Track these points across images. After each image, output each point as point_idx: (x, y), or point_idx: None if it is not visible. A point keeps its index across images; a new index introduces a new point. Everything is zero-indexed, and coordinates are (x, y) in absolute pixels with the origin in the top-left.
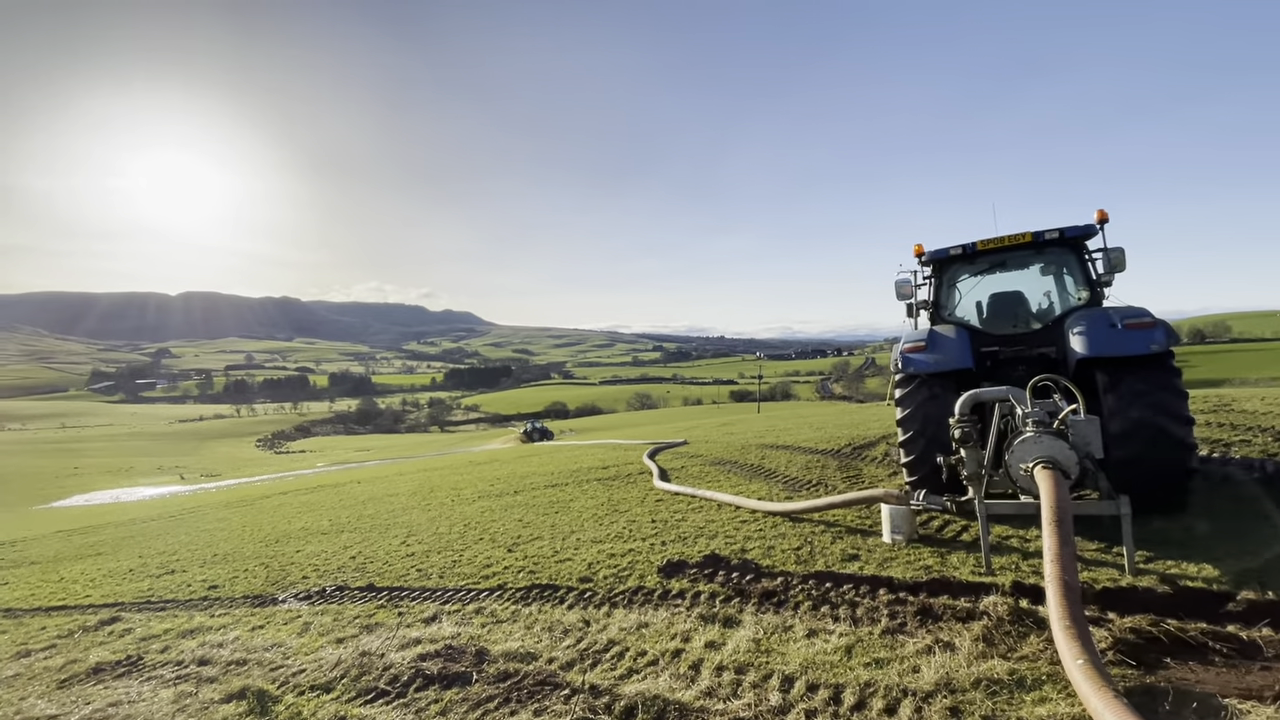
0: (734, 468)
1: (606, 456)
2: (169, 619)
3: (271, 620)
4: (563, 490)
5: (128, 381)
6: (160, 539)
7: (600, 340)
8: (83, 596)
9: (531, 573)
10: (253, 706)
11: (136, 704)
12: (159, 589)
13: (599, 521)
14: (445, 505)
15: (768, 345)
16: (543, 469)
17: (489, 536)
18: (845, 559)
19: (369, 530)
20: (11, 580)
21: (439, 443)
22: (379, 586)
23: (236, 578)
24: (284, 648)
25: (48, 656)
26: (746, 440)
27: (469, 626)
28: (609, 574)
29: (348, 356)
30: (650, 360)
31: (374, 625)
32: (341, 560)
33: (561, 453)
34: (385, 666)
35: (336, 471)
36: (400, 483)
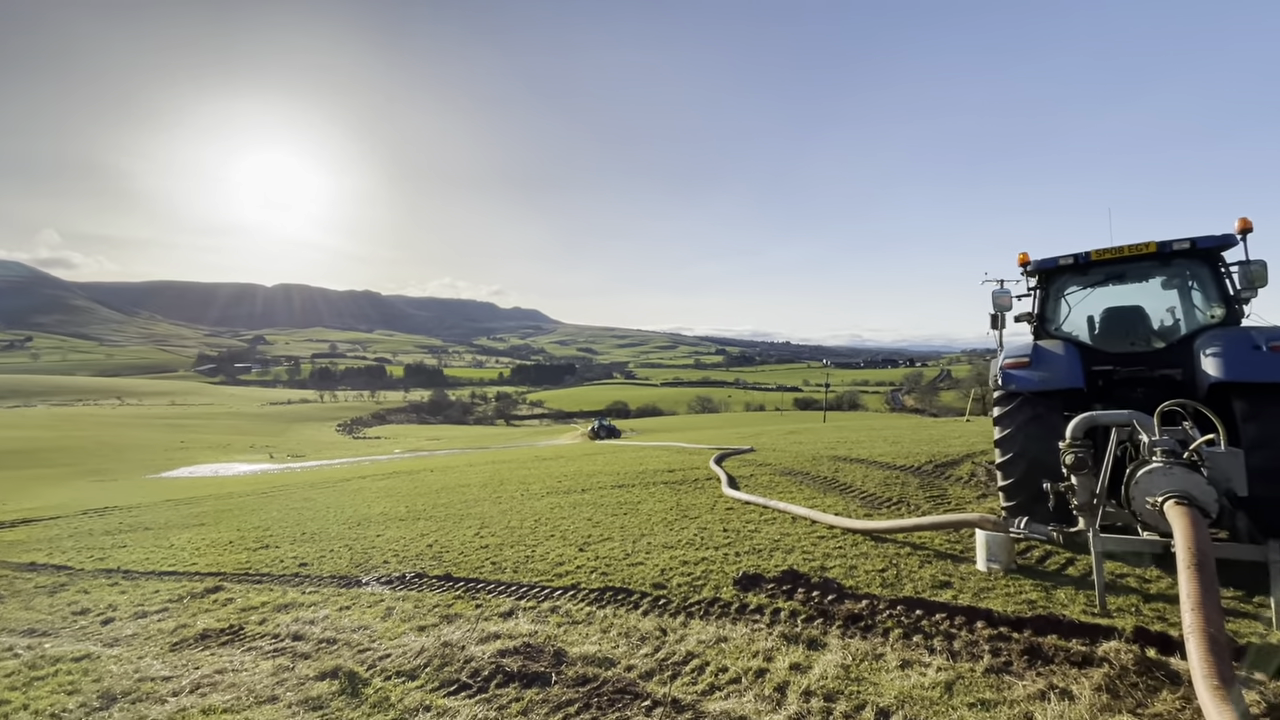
0: (805, 479)
1: (671, 459)
2: (265, 592)
3: (357, 602)
4: (630, 491)
5: (227, 365)
6: (254, 514)
7: (663, 342)
8: (189, 564)
9: (604, 574)
10: (344, 687)
11: (240, 673)
12: (255, 562)
13: (669, 526)
14: (515, 499)
15: (835, 352)
16: (608, 468)
17: (559, 534)
18: (936, 585)
19: (443, 519)
20: (129, 544)
21: (505, 436)
22: (456, 577)
23: (324, 557)
24: (370, 630)
25: (160, 619)
26: (817, 451)
27: (545, 625)
28: (682, 582)
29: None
30: (713, 363)
31: (453, 616)
32: (419, 548)
33: (625, 453)
34: (466, 659)
35: (410, 459)
36: (471, 474)
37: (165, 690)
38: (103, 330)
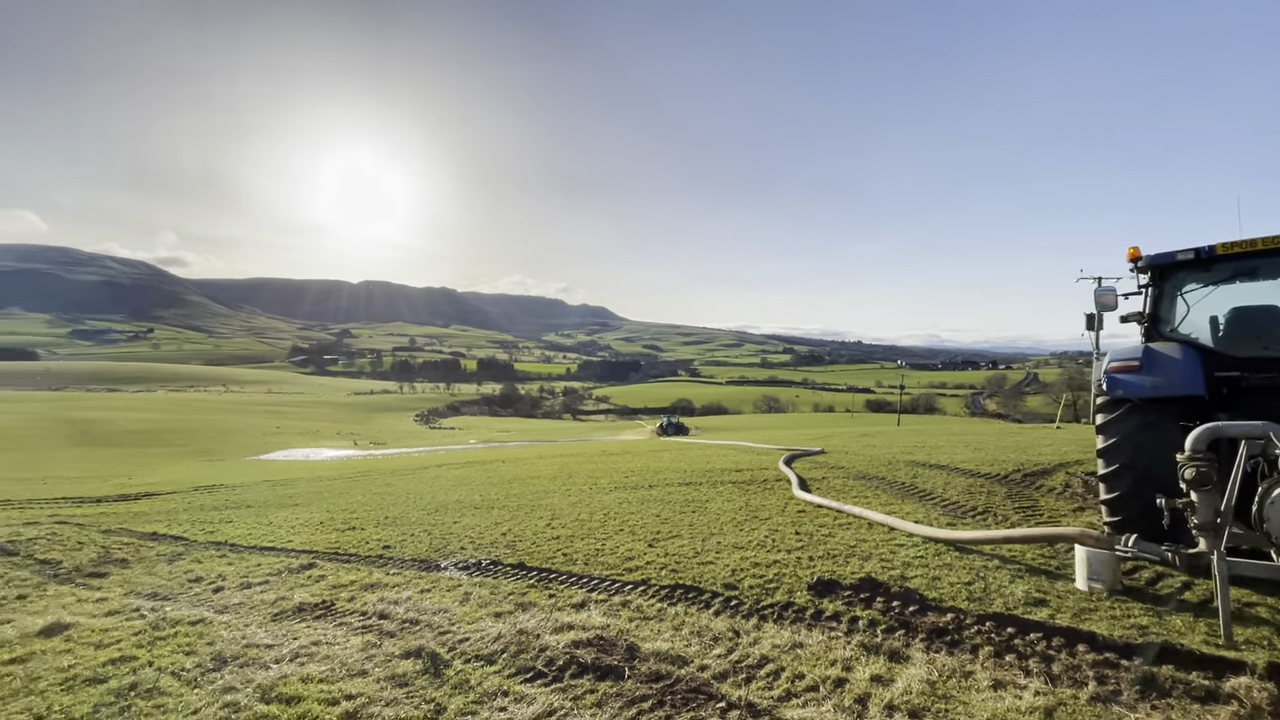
0: (881, 484)
1: (738, 459)
2: (353, 571)
3: (437, 585)
4: (697, 489)
5: (317, 356)
6: (342, 497)
7: (728, 340)
8: (286, 541)
9: (674, 571)
10: (427, 666)
11: (333, 646)
12: (344, 543)
13: (738, 526)
14: (584, 492)
15: (911, 353)
16: (675, 465)
17: (628, 529)
18: (1030, 603)
19: (516, 509)
20: (234, 519)
21: (572, 430)
22: (529, 566)
23: (405, 541)
24: (449, 614)
25: (262, 591)
26: (892, 455)
27: (617, 619)
28: (754, 584)
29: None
30: (780, 362)
31: (527, 604)
32: (493, 536)
33: (691, 450)
34: (541, 648)
35: (483, 449)
36: (541, 466)
37: (269, 657)
38: (212, 323)
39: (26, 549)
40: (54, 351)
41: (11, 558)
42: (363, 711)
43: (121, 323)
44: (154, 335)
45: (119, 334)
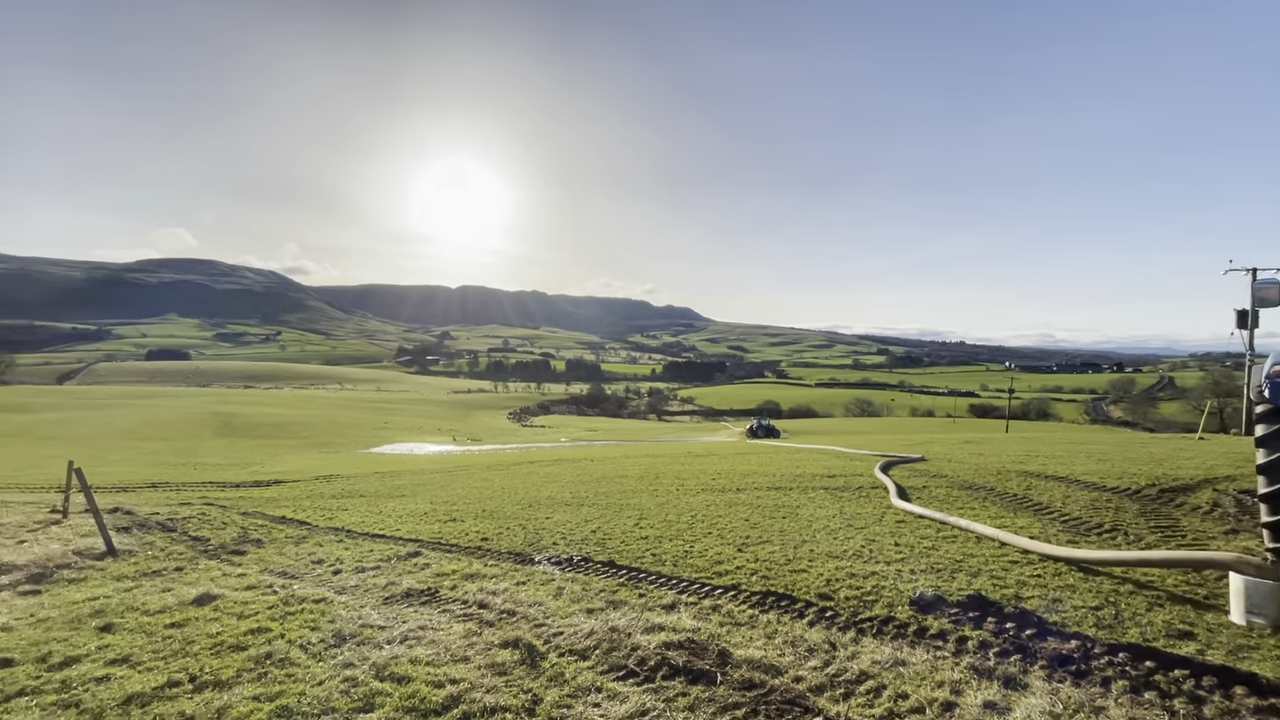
0: (989, 495)
1: (830, 464)
2: (455, 561)
3: (531, 579)
4: (787, 494)
5: (420, 357)
6: (443, 489)
7: (818, 340)
8: (394, 529)
9: (765, 577)
10: (524, 657)
11: (437, 631)
12: (446, 533)
13: (832, 534)
14: (671, 494)
15: (1021, 354)
16: (763, 469)
17: (716, 532)
18: (1174, 635)
19: (605, 508)
20: (349, 507)
21: (657, 430)
22: (619, 564)
23: (501, 534)
24: (544, 607)
25: (375, 575)
26: (1001, 464)
27: (708, 623)
28: (851, 595)
29: (582, 345)
30: (873, 364)
31: (618, 602)
32: (584, 533)
33: (780, 454)
34: (633, 647)
35: (571, 447)
36: (628, 465)
37: (381, 638)
38: (329, 326)
39: (182, 526)
40: (202, 352)
41: (170, 534)
42: (465, 696)
43: (255, 326)
44: (281, 338)
45: (253, 336)
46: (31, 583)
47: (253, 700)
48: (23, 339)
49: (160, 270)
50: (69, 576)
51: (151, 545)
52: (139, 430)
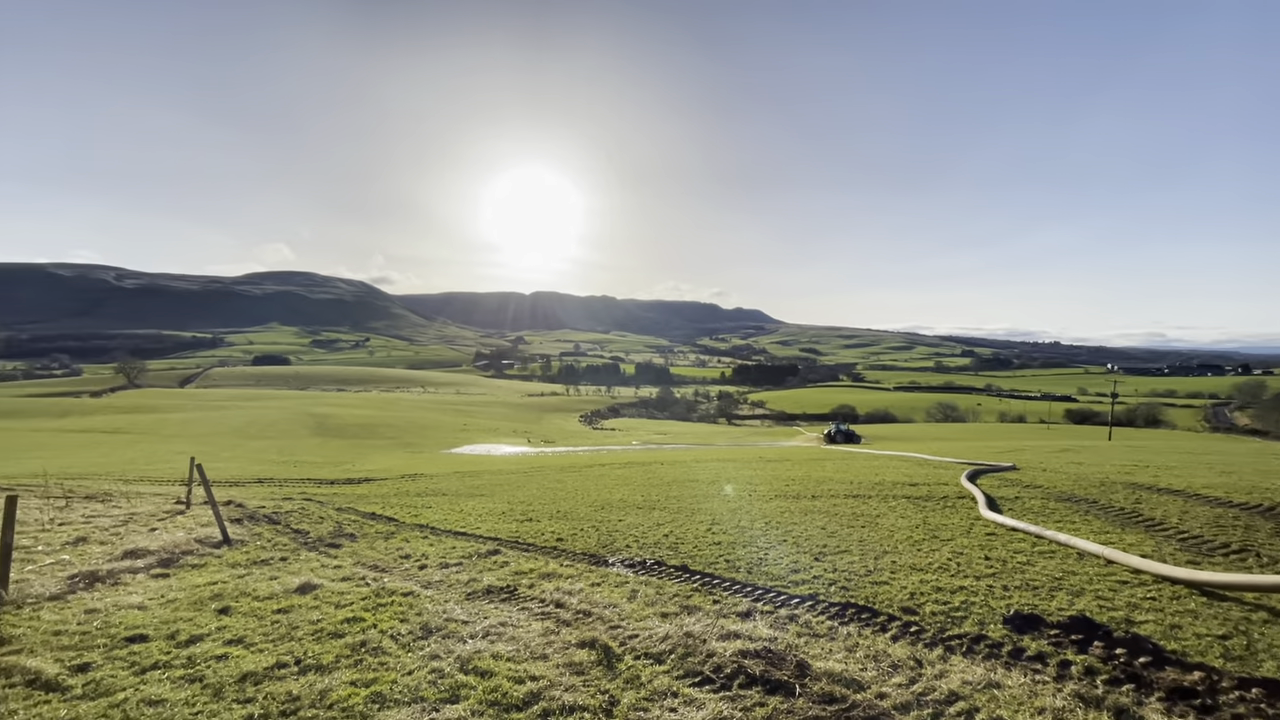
0: (1091, 509)
1: (911, 471)
2: (532, 560)
3: (605, 580)
4: (866, 503)
5: (496, 361)
6: (519, 490)
7: (896, 342)
8: (474, 528)
9: (844, 588)
10: (600, 658)
11: (517, 628)
12: (523, 533)
13: (915, 546)
14: (743, 499)
15: (1126, 355)
16: (840, 476)
17: (791, 540)
18: None
19: (676, 512)
20: (432, 505)
21: (727, 434)
22: (692, 569)
23: (575, 535)
24: (619, 609)
25: (457, 571)
26: (1104, 474)
27: (785, 633)
28: (937, 610)
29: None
30: (957, 366)
31: (692, 607)
32: (656, 536)
33: (856, 460)
34: (708, 653)
35: (642, 451)
36: (699, 470)
37: (465, 632)
38: (412, 332)
39: (285, 520)
40: (300, 357)
41: (275, 526)
42: (544, 693)
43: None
44: (370, 344)
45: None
46: (161, 566)
47: (350, 685)
48: (152, 347)
49: (264, 282)
50: (192, 562)
51: (260, 536)
52: (246, 429)
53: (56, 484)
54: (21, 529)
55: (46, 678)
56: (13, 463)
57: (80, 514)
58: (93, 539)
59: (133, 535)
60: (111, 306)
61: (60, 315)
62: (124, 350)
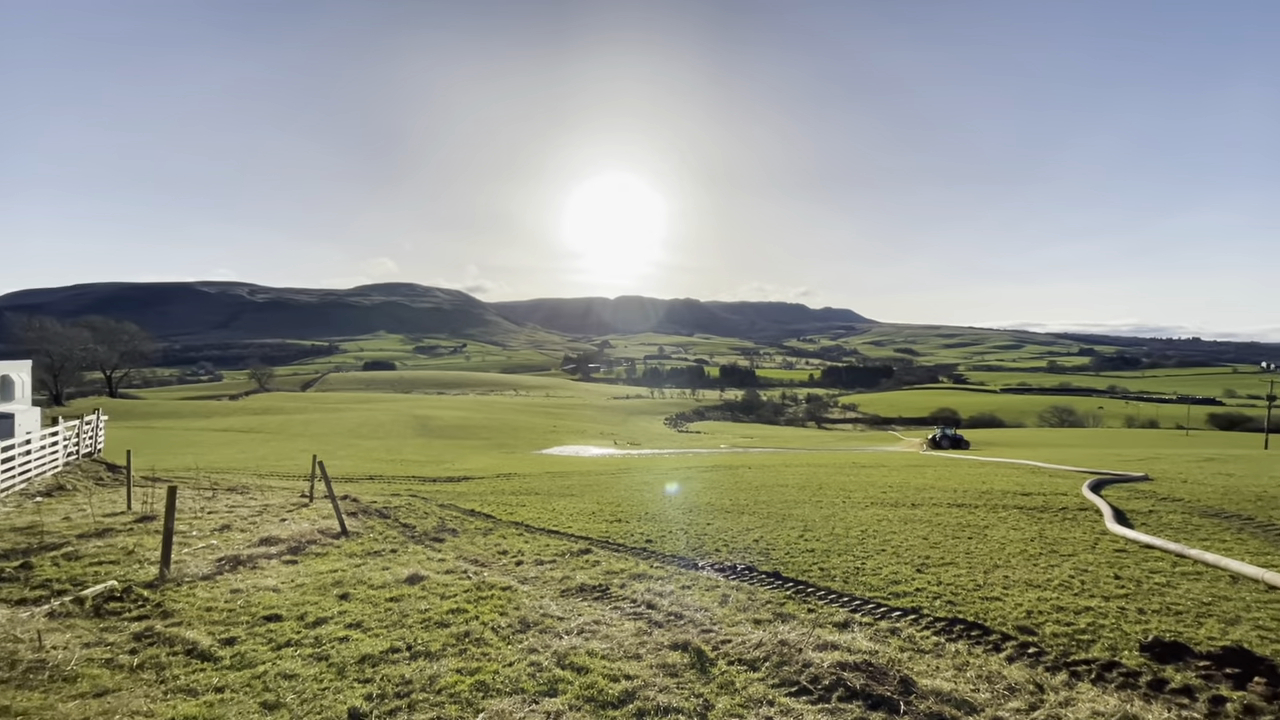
0: (1246, 526)
1: (1024, 480)
2: (623, 560)
3: (696, 583)
4: (972, 512)
5: (583, 365)
6: (607, 491)
7: (1003, 341)
8: (566, 526)
9: (951, 603)
10: (693, 661)
11: (610, 627)
12: (613, 533)
13: (1031, 560)
14: (837, 505)
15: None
16: (941, 484)
17: (891, 549)
18: None
19: (766, 517)
20: (526, 504)
21: (817, 438)
22: (784, 576)
23: (664, 537)
24: (710, 613)
25: (551, 569)
26: (1260, 488)
27: (886, 646)
28: (1059, 631)
29: (736, 351)
30: (1074, 366)
31: (786, 615)
32: (746, 541)
33: (959, 467)
34: (805, 663)
35: (728, 454)
36: (787, 475)
37: (560, 628)
38: (505, 338)
39: (394, 514)
40: (404, 363)
41: (385, 520)
42: (639, 693)
43: (445, 340)
44: (466, 349)
45: (444, 349)
46: (290, 554)
47: (456, 673)
48: (278, 354)
49: (371, 294)
50: (315, 551)
51: (372, 529)
52: (359, 430)
53: (205, 477)
54: (179, 516)
55: (202, 648)
56: (171, 458)
57: (224, 504)
58: (234, 527)
59: (266, 524)
60: (245, 319)
61: (205, 328)
62: (256, 358)
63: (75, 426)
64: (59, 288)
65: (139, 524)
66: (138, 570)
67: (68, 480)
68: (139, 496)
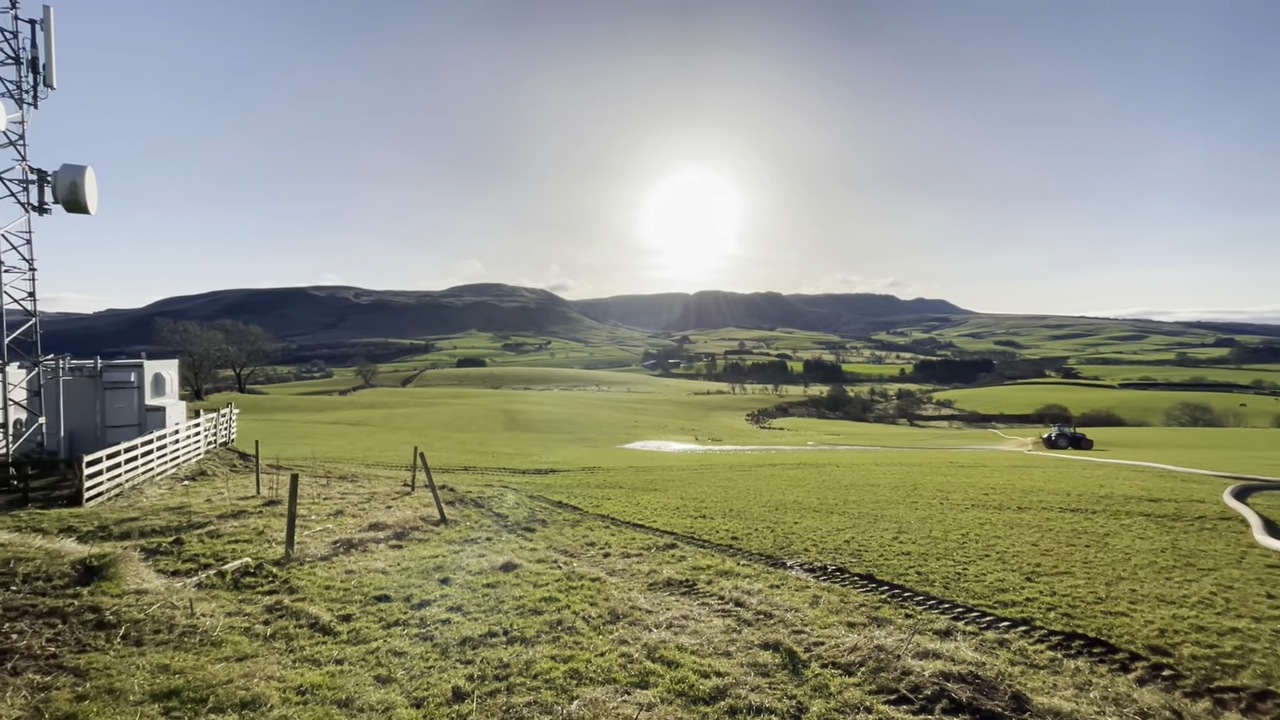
0: None
1: (1150, 484)
2: (708, 556)
3: (785, 583)
4: (1090, 518)
5: (663, 360)
6: (691, 486)
7: (1122, 331)
8: (651, 520)
9: (1067, 616)
10: (785, 662)
11: (699, 622)
12: (698, 529)
13: (1163, 574)
14: (933, 507)
15: None
16: (1051, 486)
17: (995, 555)
18: None
19: (857, 517)
20: (612, 497)
21: (910, 436)
22: (878, 579)
23: (750, 534)
24: (801, 614)
25: (638, 562)
26: None
27: (994, 659)
28: (1199, 654)
29: (819, 345)
30: (1208, 359)
31: (881, 620)
32: (836, 542)
33: (1072, 470)
34: (903, 671)
35: (813, 451)
36: (879, 474)
37: (649, 621)
38: (587, 335)
39: (488, 504)
40: (494, 359)
41: (480, 509)
42: (730, 690)
43: (531, 337)
44: (550, 346)
45: (530, 345)
46: (396, 539)
47: (550, 659)
48: (381, 352)
49: (462, 295)
50: (418, 537)
51: (469, 518)
52: (453, 423)
53: (320, 465)
54: (299, 501)
55: (323, 623)
56: (290, 448)
57: (337, 490)
58: (347, 512)
59: (374, 511)
60: (352, 320)
61: (317, 328)
62: (361, 356)
63: (213, 419)
64: (196, 295)
65: (267, 507)
66: (267, 549)
67: (208, 466)
68: (266, 482)
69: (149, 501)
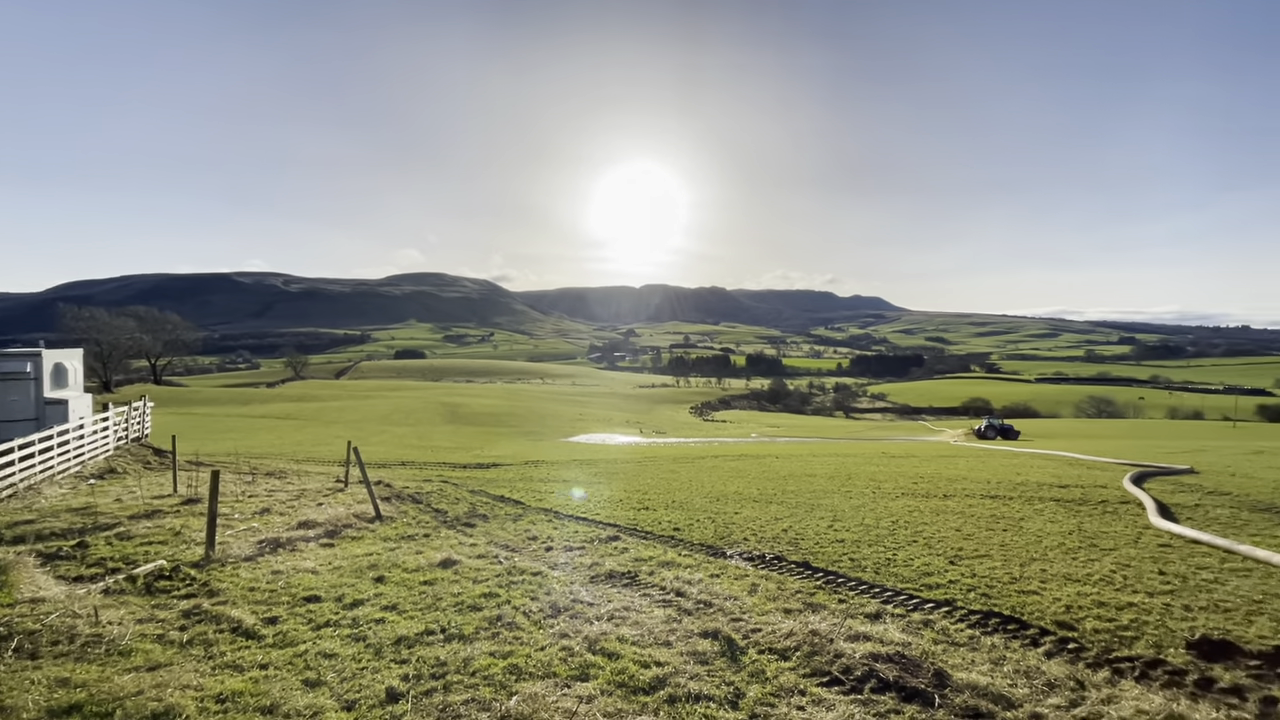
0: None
1: (1060, 472)
2: (650, 548)
3: (725, 572)
4: (1007, 504)
5: (609, 353)
6: (634, 479)
7: (1038, 329)
8: (594, 514)
9: (985, 596)
10: (723, 649)
11: (640, 614)
12: (640, 521)
13: (1069, 554)
14: (866, 496)
15: None
16: (974, 475)
17: (923, 540)
18: None
19: (795, 506)
20: (555, 491)
21: (846, 428)
22: (814, 566)
23: (692, 525)
24: (739, 602)
25: (580, 555)
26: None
27: (919, 638)
28: (1100, 627)
29: (761, 339)
30: (1113, 355)
31: (816, 605)
32: (774, 531)
33: (993, 459)
34: (836, 653)
35: (754, 443)
36: (815, 464)
37: (591, 613)
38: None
39: (426, 499)
40: (434, 351)
41: (418, 505)
42: (670, 679)
43: (473, 329)
44: (494, 338)
45: (472, 337)
46: (327, 537)
47: (489, 655)
48: (312, 343)
49: (401, 284)
50: (351, 534)
51: (406, 514)
52: (390, 416)
53: (245, 462)
54: (221, 499)
55: (246, 626)
56: (212, 443)
57: (263, 488)
58: (274, 510)
59: (304, 508)
60: (280, 308)
61: (242, 317)
62: (291, 346)
63: (124, 412)
64: (105, 279)
65: (185, 506)
66: (185, 551)
67: (118, 464)
68: (184, 480)
69: (48, 502)
